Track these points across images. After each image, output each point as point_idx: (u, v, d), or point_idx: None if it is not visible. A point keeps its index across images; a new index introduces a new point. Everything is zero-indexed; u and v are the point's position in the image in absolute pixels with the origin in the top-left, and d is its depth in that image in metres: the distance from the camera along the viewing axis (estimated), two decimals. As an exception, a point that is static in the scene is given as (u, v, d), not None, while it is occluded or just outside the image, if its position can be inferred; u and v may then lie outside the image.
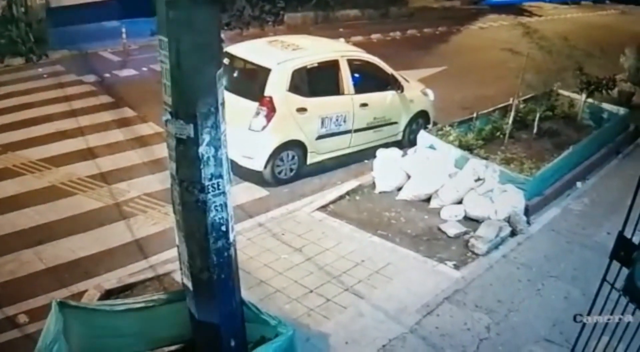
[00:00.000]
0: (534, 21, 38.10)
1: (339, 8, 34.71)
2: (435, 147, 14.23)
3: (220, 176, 6.17)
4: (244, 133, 13.23)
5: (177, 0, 5.49)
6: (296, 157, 14.11)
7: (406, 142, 16.03)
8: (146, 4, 20.95)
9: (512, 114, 16.04)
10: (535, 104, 17.01)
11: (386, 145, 15.02)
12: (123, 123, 16.65)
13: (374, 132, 15.49)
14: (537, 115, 16.65)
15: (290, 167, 14.08)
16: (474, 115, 16.21)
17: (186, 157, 6.01)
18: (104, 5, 26.80)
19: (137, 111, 17.48)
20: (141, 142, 15.49)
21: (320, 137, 14.32)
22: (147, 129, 16.29)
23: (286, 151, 13.88)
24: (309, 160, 14.39)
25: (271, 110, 13.32)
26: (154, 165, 14.02)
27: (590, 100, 18.06)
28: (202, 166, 5.99)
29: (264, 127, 13.36)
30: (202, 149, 5.94)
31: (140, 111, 17.35)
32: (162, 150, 10.60)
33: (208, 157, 6.01)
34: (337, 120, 14.44)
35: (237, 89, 13.51)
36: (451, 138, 14.85)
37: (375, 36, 30.51)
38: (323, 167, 14.71)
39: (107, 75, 21.07)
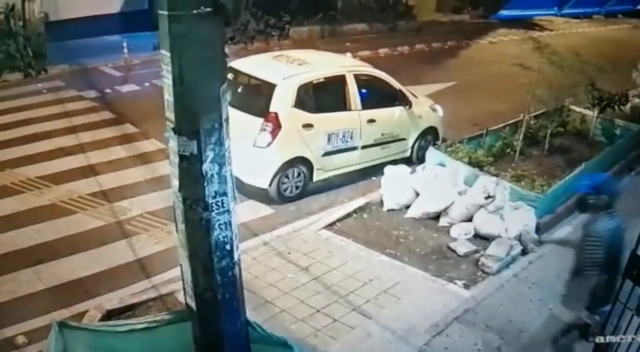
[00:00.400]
0: (545, 35, 38.08)
1: (346, 22, 34.72)
2: (444, 164, 14.20)
3: (225, 194, 6.15)
4: (249, 150, 13.21)
5: (180, 14, 5.49)
6: (302, 174, 14.11)
7: (415, 159, 16.05)
8: (148, 18, 21.06)
9: (523, 130, 16.04)
10: (546, 120, 17.05)
11: (394, 162, 15.05)
12: (124, 140, 16.65)
13: (382, 149, 15.49)
14: (549, 131, 16.67)
15: (296, 184, 14.08)
16: (484, 131, 16.25)
17: (189, 174, 5.98)
18: (104, 19, 26.90)
19: (139, 127, 17.47)
20: (143, 159, 15.50)
21: (326, 153, 14.32)
22: (149, 145, 16.29)
23: (292, 168, 13.88)
24: (315, 178, 14.39)
25: (276, 127, 13.33)
26: (156, 183, 14.00)
27: (602, 116, 18.07)
28: (205, 184, 5.96)
29: (269, 144, 13.36)
30: (205, 166, 5.91)
31: (142, 127, 17.34)
32: (164, 168, 10.61)
33: (212, 175, 5.98)
34: (343, 136, 14.44)
35: (242, 104, 13.51)
36: (461, 155, 14.87)
37: (382, 51, 30.48)
38: (330, 185, 14.73)
39: (108, 90, 21.07)
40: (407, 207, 13.71)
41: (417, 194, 13.71)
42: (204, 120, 5.81)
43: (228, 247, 6.39)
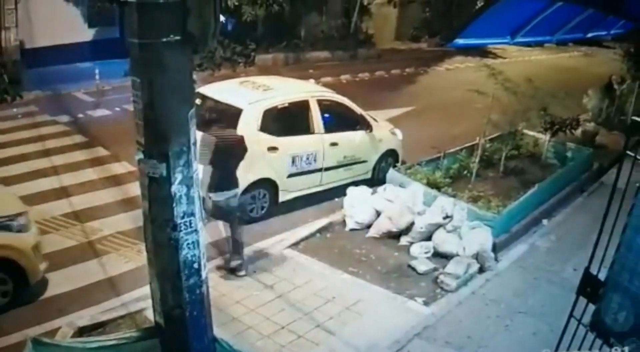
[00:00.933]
0: (499, 63, 38.34)
1: (309, 50, 34.98)
2: (404, 185, 14.27)
3: (193, 214, 6.12)
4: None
5: (150, 42, 5.47)
6: (267, 196, 14.11)
7: (376, 180, 16.03)
8: (119, 46, 21.00)
9: (479, 152, 16.19)
10: (501, 143, 17.21)
11: (356, 183, 15.09)
12: (96, 162, 16.54)
13: (344, 171, 15.54)
14: (503, 154, 16.85)
15: (262, 205, 14.07)
16: (442, 154, 16.37)
17: (158, 195, 5.96)
18: (78, 46, 26.94)
19: (110, 150, 17.36)
20: (114, 181, 15.41)
21: (291, 175, 14.34)
22: (120, 168, 16.19)
23: (258, 189, 13.87)
24: (280, 199, 14.39)
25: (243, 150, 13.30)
26: (126, 204, 13.93)
27: (554, 139, 18.28)
28: (174, 205, 5.94)
29: None
30: (174, 188, 5.89)
31: (113, 150, 17.22)
32: (135, 189, 10.53)
33: (180, 196, 5.96)
34: (307, 158, 14.47)
35: (209, 128, 13.49)
36: (419, 176, 14.98)
37: (344, 77, 30.62)
38: (294, 205, 14.67)
39: (81, 115, 20.95)
40: (369, 226, 13.71)
41: (378, 214, 13.73)
42: (173, 143, 5.80)
43: (196, 265, 6.36)
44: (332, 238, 13.44)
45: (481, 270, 12.39)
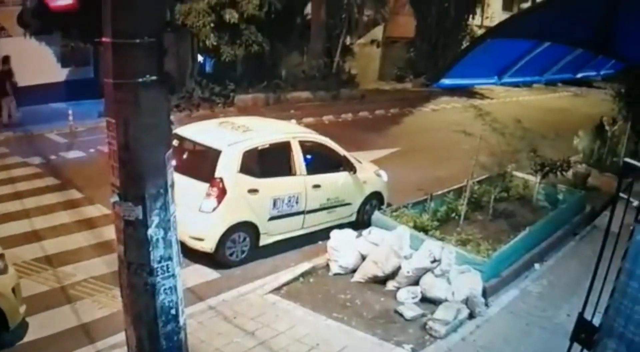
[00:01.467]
0: (486, 103, 38.61)
1: (290, 90, 35.31)
2: (390, 229, 14.22)
3: (170, 258, 6.13)
4: (194, 215, 13.22)
5: (126, 82, 5.50)
6: (248, 239, 14.07)
7: (360, 223, 16.03)
8: (94, 86, 21.13)
9: (467, 195, 16.23)
10: (489, 185, 17.28)
11: (340, 226, 15.09)
12: (69, 205, 16.52)
13: (328, 213, 15.56)
14: (492, 196, 16.86)
15: (242, 249, 14.01)
16: (429, 196, 16.37)
17: (134, 239, 5.97)
18: (51, 87, 27.17)
19: (84, 193, 17.37)
20: (88, 224, 15.36)
21: (272, 218, 14.33)
22: (94, 211, 16.15)
23: (238, 233, 13.85)
24: (261, 242, 14.37)
25: (222, 192, 13.38)
26: (101, 248, 13.85)
27: (544, 181, 18.37)
28: (151, 248, 5.95)
29: (214, 209, 13.38)
30: (151, 231, 5.91)
31: (87, 193, 17.24)
32: (109, 233, 10.48)
33: (157, 239, 5.98)
34: (289, 201, 14.49)
35: (187, 170, 13.53)
36: (406, 219, 14.96)
37: (327, 118, 30.86)
38: (276, 249, 14.63)
39: (54, 157, 20.98)
40: (354, 271, 13.66)
41: (364, 258, 13.70)
42: (149, 185, 5.84)
43: (173, 311, 6.35)
44: (316, 283, 13.36)
45: (471, 316, 12.28)
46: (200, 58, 31.01)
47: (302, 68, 37.63)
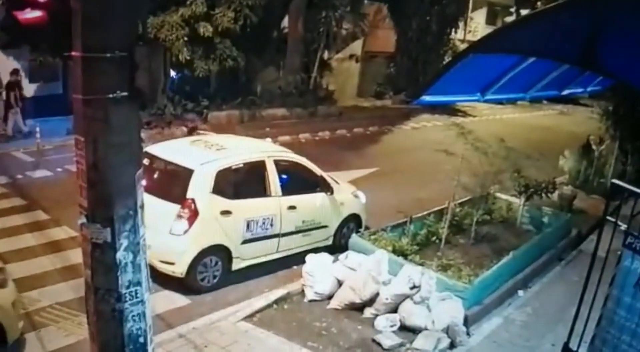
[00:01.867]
0: (469, 121, 38.94)
1: (266, 107, 35.43)
2: (367, 253, 14.16)
3: (139, 284, 6.10)
4: (165, 237, 13.14)
5: (95, 98, 5.48)
6: (220, 263, 14.01)
7: (337, 246, 16.02)
8: (62, 102, 21.05)
9: (448, 217, 16.24)
10: (472, 207, 17.35)
11: (316, 250, 15.06)
12: (35, 227, 16.37)
13: (303, 236, 15.53)
14: (474, 219, 16.90)
15: (214, 273, 13.96)
16: (408, 219, 16.36)
17: (102, 263, 5.94)
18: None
19: (50, 214, 17.23)
20: (54, 247, 15.21)
21: (245, 241, 14.27)
22: (60, 233, 16.00)
23: (209, 256, 13.78)
24: (234, 266, 14.30)
25: (193, 214, 13.30)
26: (67, 273, 13.71)
27: (529, 204, 18.40)
28: (119, 273, 5.92)
29: (185, 231, 13.30)
30: (119, 255, 5.88)
31: (53, 214, 17.09)
32: (76, 256, 10.39)
33: (126, 263, 5.95)
34: (263, 223, 14.45)
35: (157, 190, 13.46)
36: (384, 243, 14.95)
37: (303, 136, 30.94)
38: (249, 274, 14.56)
39: (20, 176, 20.89)
40: (330, 297, 13.61)
41: (340, 284, 13.67)
42: (119, 206, 5.81)
43: (142, 339, 6.33)
44: (290, 310, 13.30)
45: (452, 345, 12.24)
46: (172, 73, 30.87)
47: (279, 84, 37.75)
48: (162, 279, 13.35)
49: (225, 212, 13.81)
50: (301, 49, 38.29)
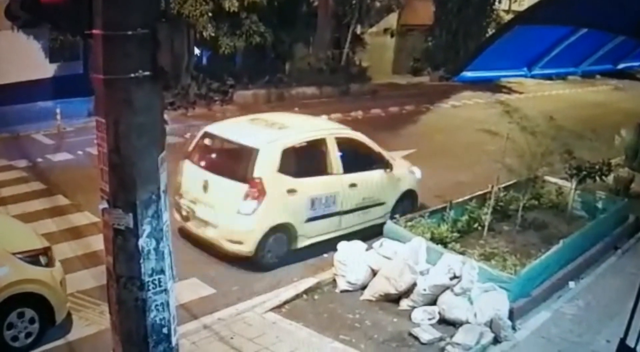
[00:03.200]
0: (514, 99, 38.76)
1: (295, 85, 35.48)
2: (403, 240, 14.18)
3: (162, 272, 6.20)
4: (232, 217, 13.83)
5: (117, 78, 5.61)
6: (285, 241, 14.61)
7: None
8: (83, 83, 21.34)
9: (492, 202, 16.21)
10: (517, 191, 17.23)
11: (373, 228, 15.66)
12: (56, 212, 16.66)
13: (363, 214, 16.05)
14: (521, 204, 16.76)
15: (279, 251, 14.57)
16: (448, 204, 16.34)
17: (124, 250, 6.05)
18: (38, 84, 27.53)
19: (71, 199, 17.53)
20: (75, 233, 15.47)
21: (309, 219, 14.84)
22: (82, 218, 16.24)
23: (276, 234, 14.39)
24: (299, 244, 14.87)
25: (261, 193, 13.83)
26: (89, 260, 13.97)
27: (581, 188, 18.26)
28: (141, 260, 6.03)
29: (254, 210, 13.87)
30: (142, 242, 5.99)
31: (74, 199, 17.40)
32: (98, 243, 10.55)
33: (149, 251, 6.05)
34: (326, 201, 15.00)
35: (222, 170, 14.24)
36: (422, 230, 14.94)
37: (334, 116, 30.58)
38: (275, 263, 14.72)
39: (40, 159, 21.18)
40: (363, 288, 13.68)
41: (374, 273, 13.74)
42: (141, 191, 5.90)
43: (165, 330, 6.42)
44: (321, 301, 13.42)
45: (496, 340, 12.20)
46: (197, 51, 30.75)
47: (308, 61, 37.82)
48: (188, 266, 13.52)
49: (291, 191, 14.34)
50: (332, 23, 38.27)
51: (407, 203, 17.28)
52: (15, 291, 10.46)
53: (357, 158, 16.00)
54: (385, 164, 16.48)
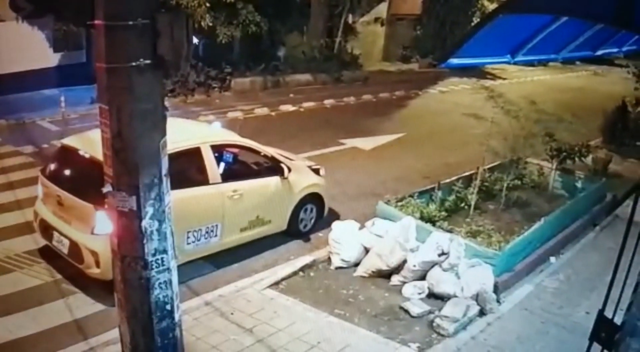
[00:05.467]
0: (498, 84, 38.82)
1: (290, 72, 35.45)
2: (394, 220, 14.20)
3: (165, 251, 6.21)
4: None
5: (119, 66, 5.59)
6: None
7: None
8: (86, 71, 21.25)
9: (477, 183, 16.30)
10: (502, 172, 17.32)
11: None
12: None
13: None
14: (505, 184, 16.90)
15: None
16: (436, 185, 16.38)
17: (128, 231, 6.05)
18: (42, 72, 27.45)
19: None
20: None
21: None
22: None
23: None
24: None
25: None
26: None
27: (561, 168, 18.32)
28: (145, 241, 6.03)
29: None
30: (145, 223, 5.99)
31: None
32: (103, 225, 10.55)
33: (151, 231, 6.05)
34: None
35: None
36: (411, 209, 14.93)
37: (328, 102, 30.91)
38: (274, 242, 14.69)
39: (45, 145, 21.03)
40: (357, 264, 13.70)
41: (367, 251, 13.75)
42: (144, 174, 5.89)
43: (168, 307, 6.43)
44: (316, 277, 13.43)
45: (481, 313, 12.24)
46: (195, 40, 30.81)
47: (302, 49, 37.81)
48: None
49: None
50: (325, 12, 38.30)
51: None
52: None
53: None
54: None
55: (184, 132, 13.79)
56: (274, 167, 14.58)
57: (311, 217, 15.52)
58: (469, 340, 11.39)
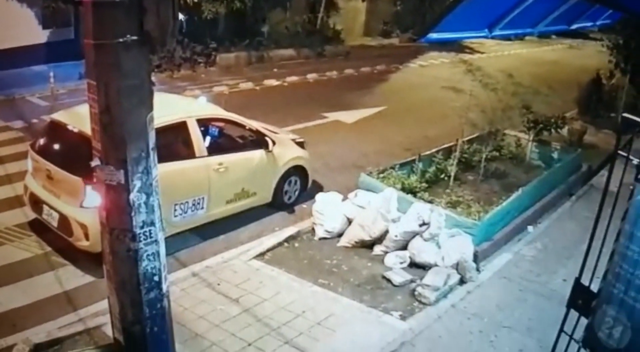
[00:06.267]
0: (476, 58, 38.80)
1: (274, 47, 35.30)
2: (376, 191, 14.22)
3: (153, 224, 6.20)
4: None
5: (106, 42, 5.56)
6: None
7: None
8: (74, 48, 21.16)
9: (457, 155, 16.28)
10: (480, 144, 17.33)
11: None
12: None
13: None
14: (483, 156, 16.85)
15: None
16: (417, 156, 16.41)
17: (116, 204, 6.04)
18: (31, 49, 27.27)
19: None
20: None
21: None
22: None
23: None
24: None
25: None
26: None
27: (538, 139, 18.35)
28: (133, 214, 6.02)
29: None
30: (133, 196, 5.97)
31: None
32: (92, 198, 10.53)
33: (139, 204, 6.04)
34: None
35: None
36: (393, 181, 14.96)
37: (311, 76, 30.87)
38: (259, 214, 14.67)
39: (35, 120, 20.89)
40: (340, 235, 13.72)
41: (350, 222, 13.78)
42: (131, 148, 5.88)
43: (156, 278, 6.43)
44: (301, 248, 13.42)
45: (462, 281, 12.30)
46: (181, 16, 30.26)
47: (286, 24, 37.73)
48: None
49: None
50: (308, -12, 38.04)
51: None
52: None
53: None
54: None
55: (170, 106, 13.71)
56: (258, 141, 14.54)
57: (295, 189, 15.50)
58: (449, 308, 11.44)
